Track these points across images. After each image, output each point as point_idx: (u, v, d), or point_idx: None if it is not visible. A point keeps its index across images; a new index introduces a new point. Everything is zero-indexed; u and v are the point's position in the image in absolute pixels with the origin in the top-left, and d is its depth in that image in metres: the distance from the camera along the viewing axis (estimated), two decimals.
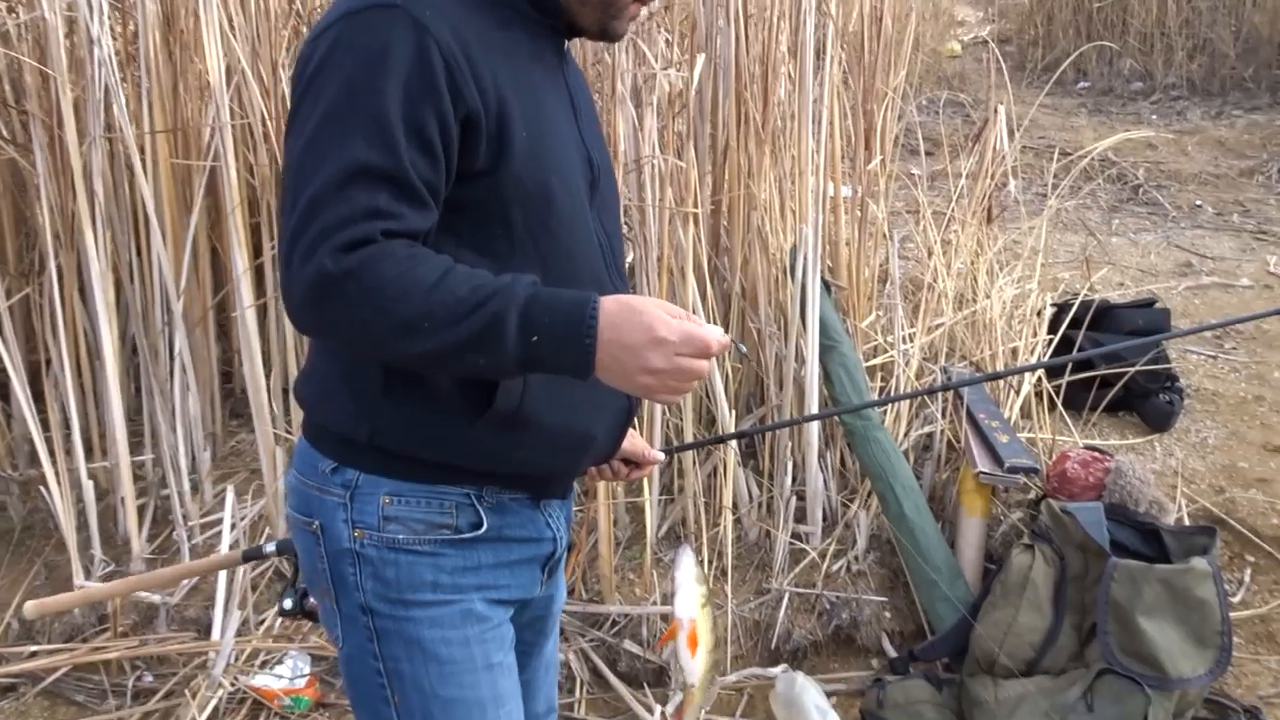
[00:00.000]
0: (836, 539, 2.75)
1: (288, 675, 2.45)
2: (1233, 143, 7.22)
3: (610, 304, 1.03)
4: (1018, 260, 3.92)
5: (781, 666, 2.49)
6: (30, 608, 1.79)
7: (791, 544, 2.75)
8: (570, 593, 2.67)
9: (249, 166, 2.98)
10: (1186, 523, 2.88)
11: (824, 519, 2.83)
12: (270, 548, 1.67)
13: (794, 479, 2.82)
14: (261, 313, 3.03)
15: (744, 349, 1.63)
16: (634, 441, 1.41)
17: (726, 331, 1.30)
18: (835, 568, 2.70)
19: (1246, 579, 2.73)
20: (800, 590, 2.64)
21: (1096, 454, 2.56)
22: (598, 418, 1.23)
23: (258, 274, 2.90)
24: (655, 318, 1.03)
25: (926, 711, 2.29)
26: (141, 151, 2.72)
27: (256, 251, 2.96)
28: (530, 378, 1.12)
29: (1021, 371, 3.12)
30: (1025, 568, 2.32)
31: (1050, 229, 5.41)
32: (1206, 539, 2.29)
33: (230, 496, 2.76)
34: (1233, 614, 2.61)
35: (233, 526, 2.85)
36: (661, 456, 1.47)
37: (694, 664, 1.26)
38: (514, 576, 1.25)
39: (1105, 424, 3.37)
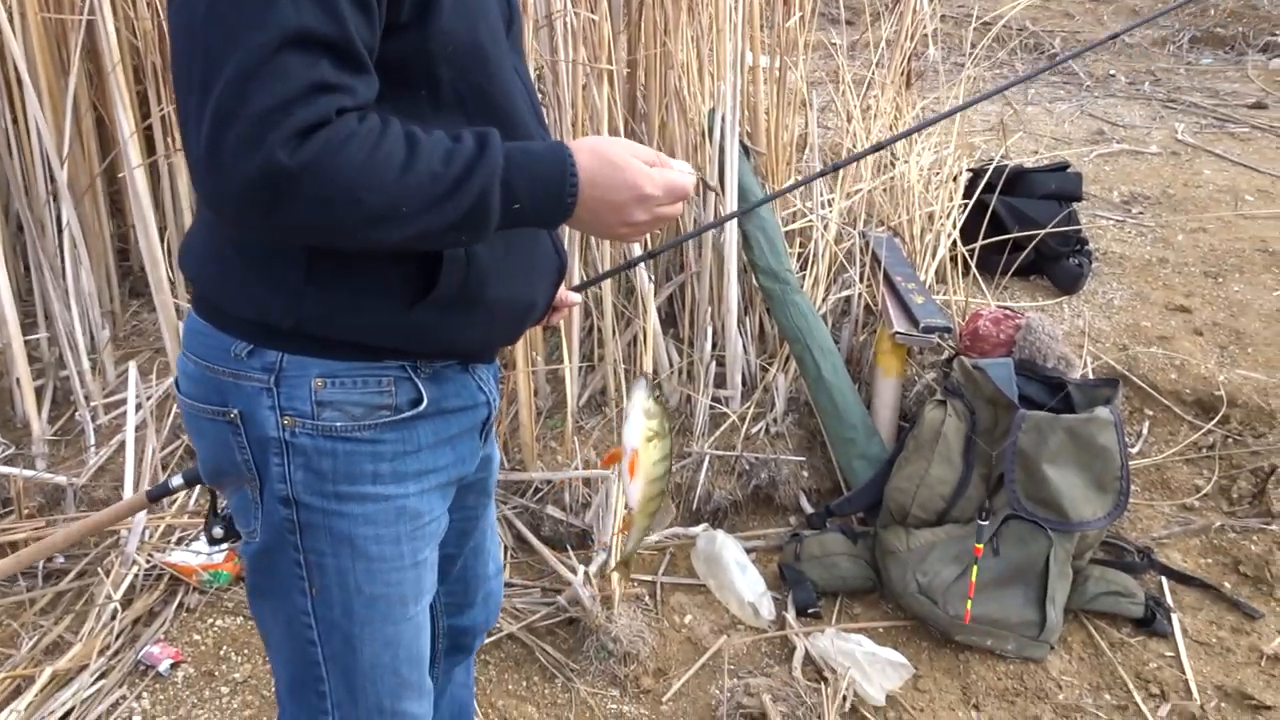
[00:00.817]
0: (756, 402, 2.78)
1: (205, 550, 2.41)
2: (1146, 12, 7.24)
3: (586, 158, 1.00)
4: (935, 127, 3.90)
5: (702, 526, 2.54)
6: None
7: (712, 408, 2.77)
8: None
9: (129, 22, 2.77)
10: (1091, 378, 2.98)
11: (743, 383, 2.85)
12: (177, 481, 1.63)
13: (714, 344, 2.83)
14: (153, 176, 2.87)
15: (712, 184, 1.59)
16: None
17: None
18: (755, 430, 2.73)
19: (1145, 431, 2.85)
20: (720, 453, 2.67)
21: (1008, 312, 2.61)
22: (537, 283, 1.20)
23: (146, 137, 2.73)
24: (638, 173, 1.02)
25: (842, 562, 2.36)
26: (6, 6, 2.50)
27: (144, 112, 2.78)
28: (474, 254, 1.07)
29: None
30: (937, 423, 2.38)
31: (967, 96, 5.42)
32: (1110, 390, 2.37)
33: (133, 374, 2.66)
34: (1132, 464, 2.74)
35: (138, 406, 2.75)
36: (578, 298, 1.44)
37: (633, 489, 1.25)
38: (454, 451, 1.20)
39: (1017, 287, 3.44)
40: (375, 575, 1.14)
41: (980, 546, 2.14)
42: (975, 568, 2.13)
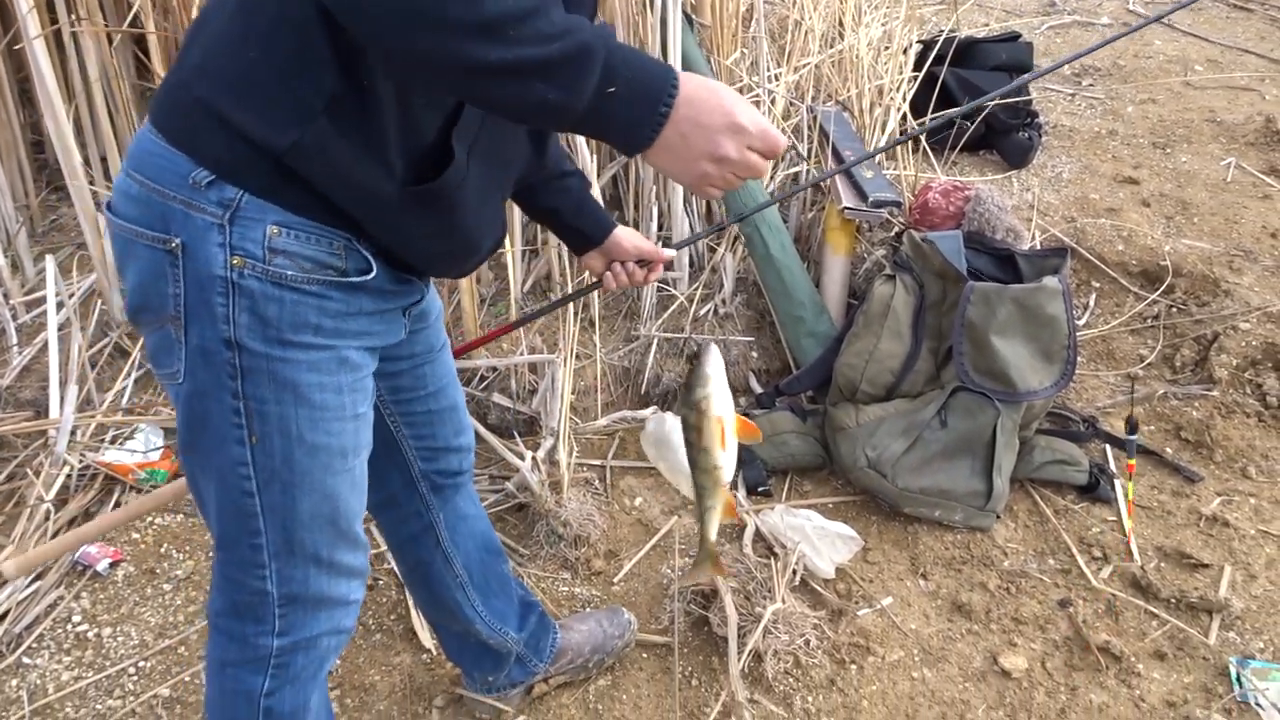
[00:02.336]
0: (704, 284, 2.73)
1: (140, 449, 2.34)
2: None
3: (689, 78, 0.96)
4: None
5: (651, 409, 2.51)
6: (11, 567, 1.65)
7: (659, 290, 2.72)
8: None
9: None
10: (1040, 248, 2.96)
11: (691, 264, 2.79)
12: None
13: (660, 226, 2.76)
14: (59, 49, 2.68)
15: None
16: (641, 242, 1.49)
17: None
18: (703, 311, 2.69)
19: (1091, 303, 2.86)
20: (669, 335, 2.63)
21: (957, 184, 2.56)
22: (488, 238, 1.21)
23: (49, 6, 2.54)
24: (737, 102, 0.97)
25: (791, 440, 2.35)
26: None
27: None
28: (468, 179, 1.08)
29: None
30: (886, 297, 2.35)
31: None
32: (1058, 260, 2.35)
33: (51, 269, 2.53)
34: (1078, 334, 2.75)
35: (60, 305, 2.63)
36: (672, 254, 1.47)
37: (728, 459, 1.17)
38: (385, 324, 1.19)
39: (966, 162, 3.39)
40: (318, 424, 1.12)
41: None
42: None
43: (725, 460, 1.17)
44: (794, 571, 2.01)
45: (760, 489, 2.31)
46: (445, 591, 1.59)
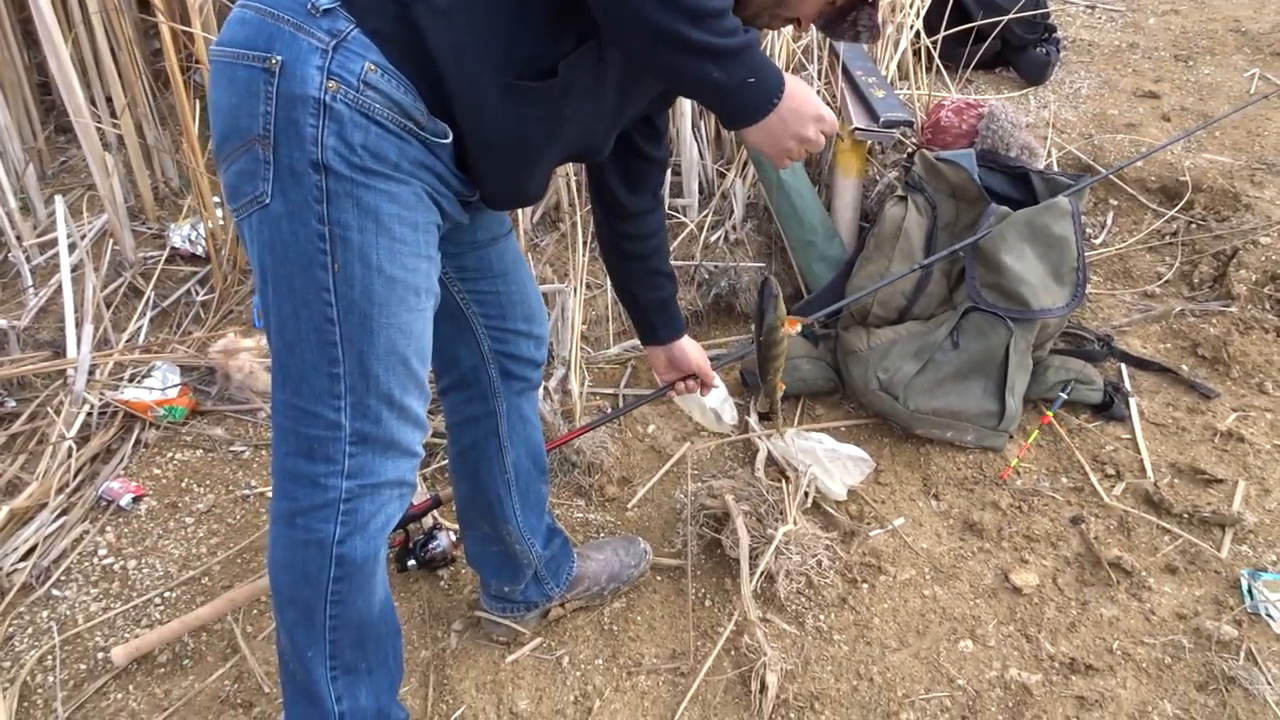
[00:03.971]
0: (714, 210, 2.71)
1: (159, 386, 2.37)
2: None
3: (790, 79, 1.19)
4: None
5: None
6: (119, 654, 1.75)
7: (669, 217, 2.70)
8: None
9: None
10: (1057, 169, 2.91)
11: (701, 191, 2.76)
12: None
13: (670, 152, 2.72)
14: None
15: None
16: (703, 360, 1.77)
17: None
18: (714, 238, 2.67)
19: (1109, 221, 2.82)
20: (679, 263, 2.61)
21: (970, 102, 2.51)
22: (540, 181, 1.29)
23: None
24: (817, 99, 1.22)
25: (803, 365, 2.35)
26: None
27: None
28: (565, 105, 1.18)
29: None
30: (899, 219, 2.32)
31: None
32: (1074, 180, 2.31)
33: (61, 209, 2.53)
34: (1094, 254, 2.71)
35: (72, 247, 2.64)
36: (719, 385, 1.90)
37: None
38: (450, 192, 1.23)
39: (982, 80, 3.32)
40: (396, 256, 1.16)
41: None
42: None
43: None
44: (805, 494, 2.02)
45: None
46: (491, 483, 1.62)
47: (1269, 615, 1.78)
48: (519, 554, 1.70)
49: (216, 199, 2.66)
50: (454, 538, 1.93)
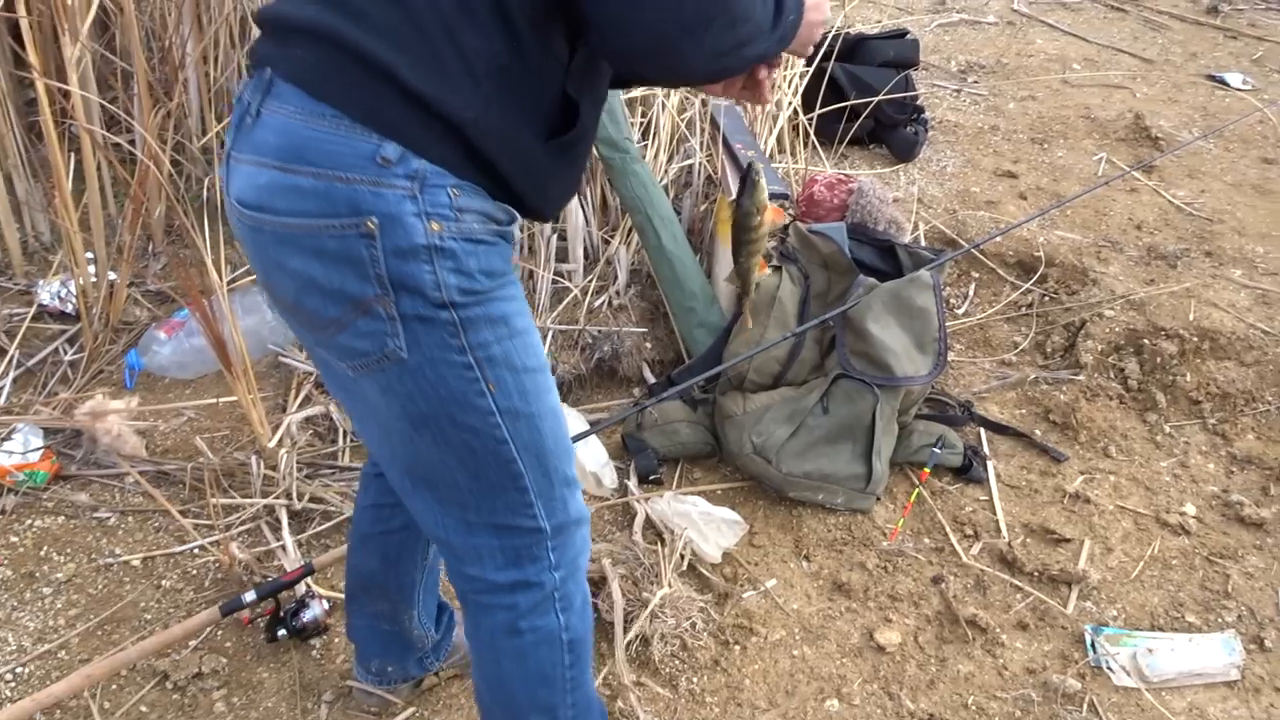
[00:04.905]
0: (598, 275, 2.77)
1: (19, 450, 2.28)
2: None
3: None
4: None
5: None
6: None
7: (554, 282, 2.75)
8: None
9: None
10: (923, 242, 3.08)
11: (586, 256, 2.83)
12: (250, 596, 1.78)
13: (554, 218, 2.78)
14: None
15: None
16: None
17: None
18: (598, 303, 2.73)
19: (971, 293, 2.98)
20: (564, 327, 2.66)
21: (841, 177, 2.65)
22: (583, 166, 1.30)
23: None
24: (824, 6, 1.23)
25: (682, 429, 2.41)
26: None
27: None
28: (586, 110, 1.16)
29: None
30: (773, 288, 2.42)
31: None
32: (935, 255, 2.45)
33: None
34: (957, 324, 2.87)
35: None
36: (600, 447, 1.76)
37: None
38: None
39: (856, 155, 3.49)
40: (528, 348, 1.18)
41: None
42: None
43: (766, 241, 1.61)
44: (681, 556, 2.07)
45: (651, 477, 2.36)
46: (408, 568, 1.60)
47: (1109, 668, 1.89)
48: (414, 637, 1.69)
49: (90, 254, 2.60)
50: (327, 606, 1.90)
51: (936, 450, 2.35)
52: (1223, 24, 4.76)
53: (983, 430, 2.53)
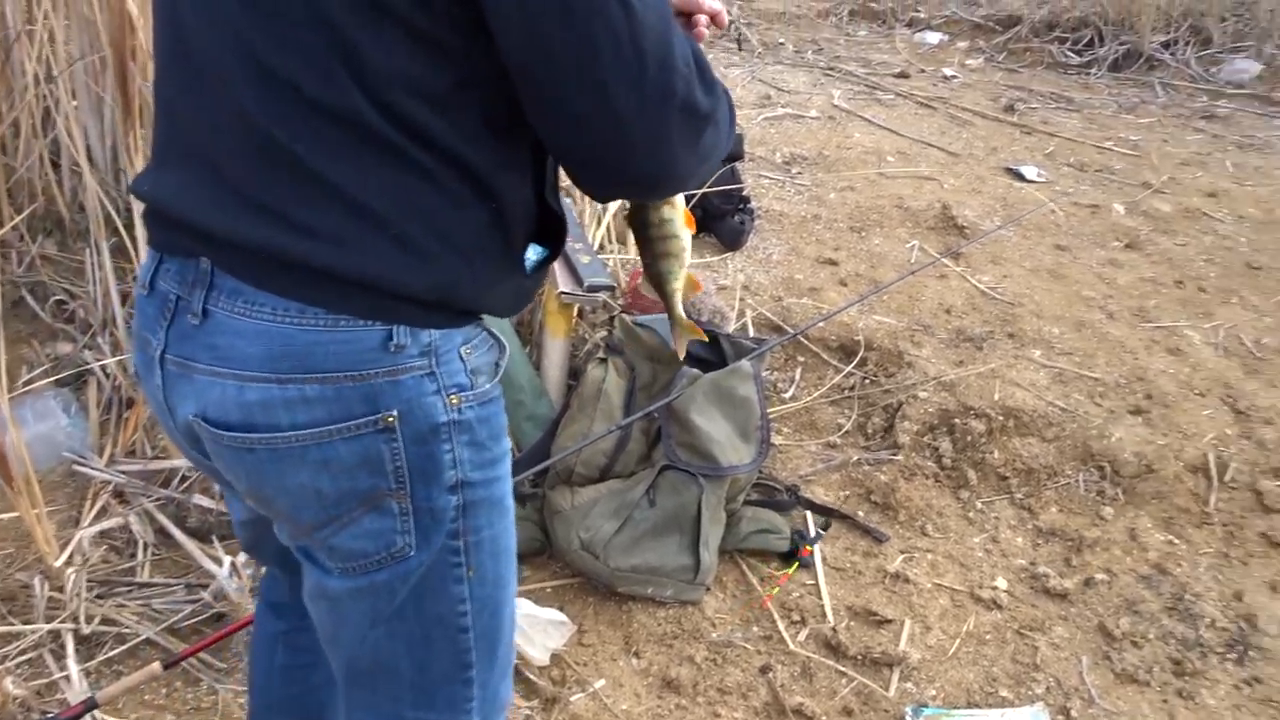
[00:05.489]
0: None
1: None
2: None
3: None
4: None
5: None
6: None
7: None
8: (132, 453, 2.44)
9: None
10: (751, 330, 3.17)
11: None
12: None
13: None
14: None
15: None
16: None
17: None
18: None
19: (797, 376, 3.07)
20: None
21: None
22: None
23: None
24: None
25: None
26: None
27: None
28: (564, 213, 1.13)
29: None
30: (599, 380, 2.43)
31: None
32: (755, 345, 2.52)
33: None
34: (784, 408, 2.94)
35: None
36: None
37: (689, 238, 1.30)
38: None
39: None
40: (509, 529, 1.10)
41: None
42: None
43: (689, 242, 1.30)
44: None
45: None
46: (325, 689, 1.39)
47: None
48: None
49: None
50: None
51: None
52: (1019, 121, 5.17)
53: (809, 514, 2.58)
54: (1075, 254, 3.79)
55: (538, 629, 2.09)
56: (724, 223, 3.58)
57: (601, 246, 3.12)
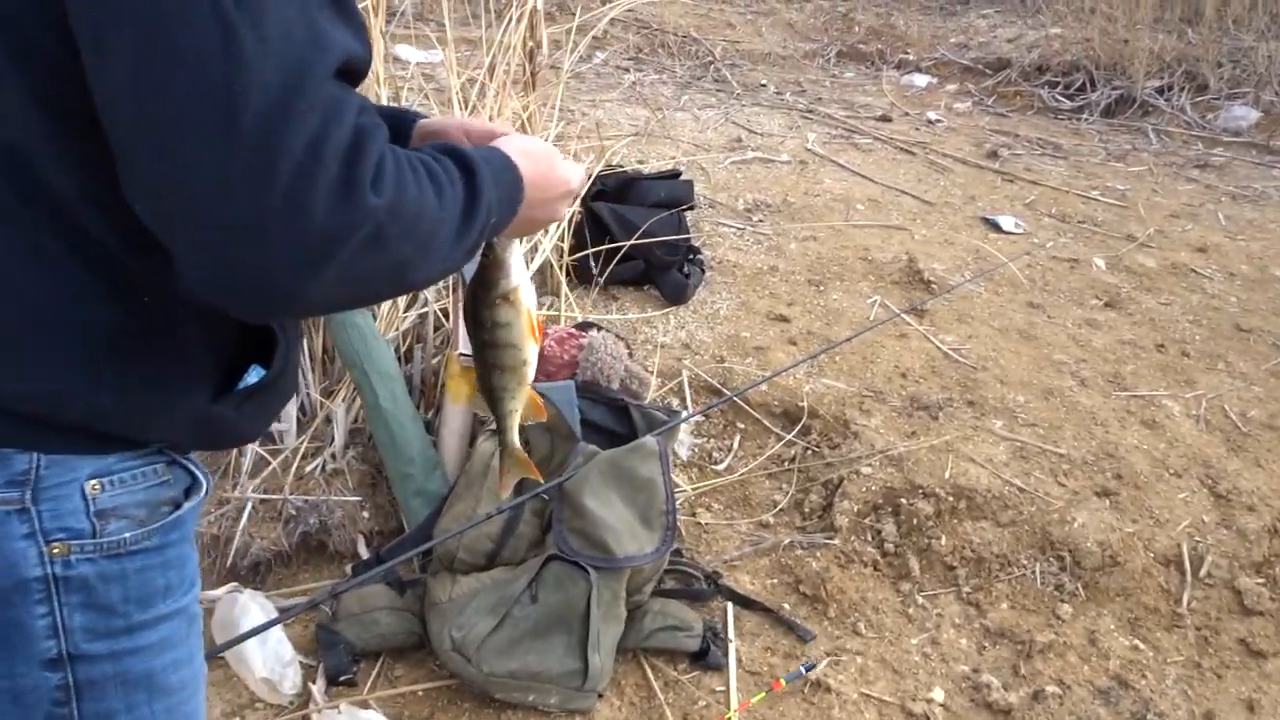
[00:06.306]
0: (313, 435, 2.47)
1: None
2: (801, 26, 7.59)
3: (521, 160, 0.92)
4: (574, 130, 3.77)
5: (228, 586, 2.19)
6: None
7: (263, 443, 2.43)
8: None
9: None
10: (688, 394, 2.91)
11: (303, 412, 2.53)
12: None
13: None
14: None
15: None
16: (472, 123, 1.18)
17: None
18: (310, 467, 2.42)
19: (736, 445, 2.81)
20: (265, 497, 2.34)
21: (572, 331, 2.45)
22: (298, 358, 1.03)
23: None
24: (566, 170, 1.00)
25: (383, 618, 2.10)
26: None
27: None
28: (292, 338, 0.91)
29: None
30: (488, 455, 2.18)
31: (622, 102, 5.38)
32: (669, 416, 2.26)
33: None
34: (717, 481, 2.68)
35: None
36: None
37: (534, 353, 1.10)
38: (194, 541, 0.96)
39: (628, 298, 3.34)
40: (176, 713, 0.89)
41: None
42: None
43: (533, 355, 1.10)
44: None
45: (343, 678, 2.03)
46: None
47: None
48: None
49: None
50: None
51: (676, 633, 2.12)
52: (1001, 168, 4.93)
53: (730, 605, 2.30)
54: (1049, 313, 3.52)
55: None
56: (667, 275, 3.33)
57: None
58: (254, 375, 0.89)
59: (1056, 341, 3.32)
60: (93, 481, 0.81)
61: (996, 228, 4.14)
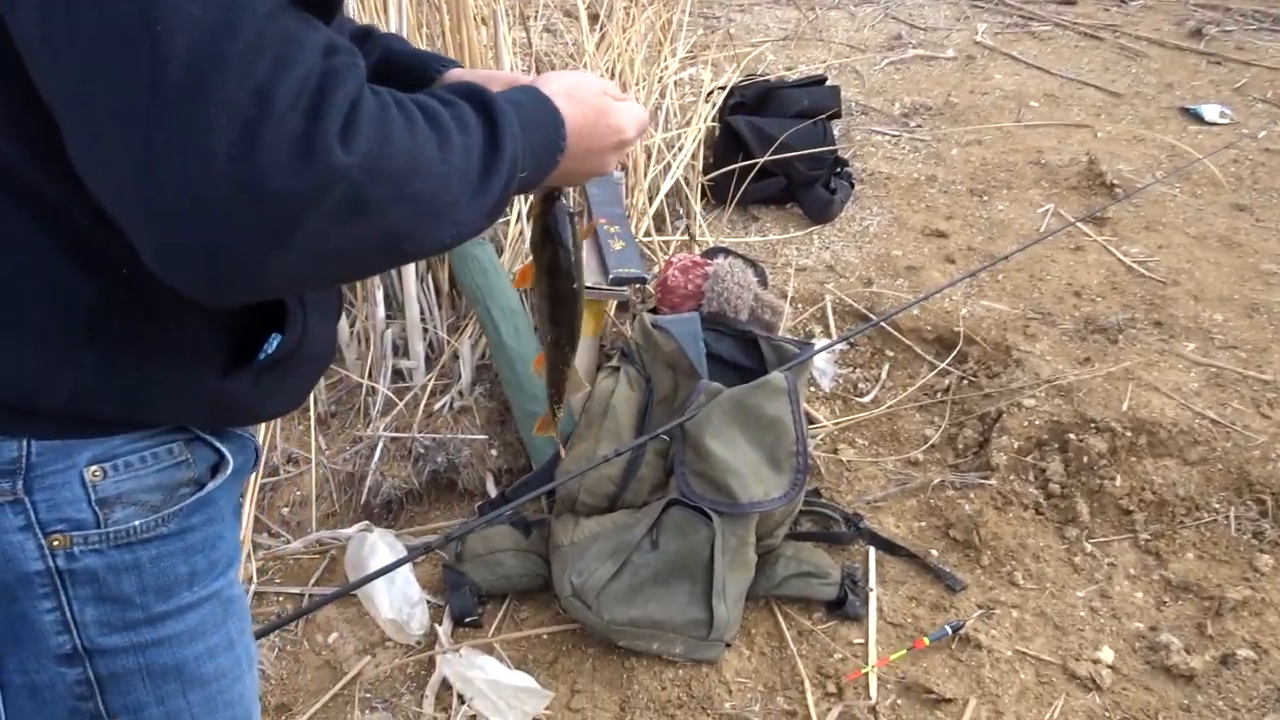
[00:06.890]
0: (441, 372, 2.44)
1: None
2: None
3: (566, 105, 0.82)
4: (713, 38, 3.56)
5: (360, 524, 2.21)
6: None
7: (394, 381, 2.43)
8: None
9: None
10: (831, 320, 2.72)
11: (431, 350, 2.50)
12: None
13: (389, 306, 2.47)
14: None
15: None
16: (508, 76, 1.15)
17: None
18: (438, 405, 2.40)
19: (883, 375, 2.60)
20: (394, 435, 2.33)
21: (697, 259, 2.29)
22: (334, 327, 0.95)
23: None
24: (619, 115, 0.89)
25: (507, 560, 2.06)
26: None
27: None
28: (307, 301, 0.82)
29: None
30: (606, 394, 2.08)
31: (771, 4, 5.07)
32: (800, 350, 2.09)
33: None
34: (863, 415, 2.49)
35: None
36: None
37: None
38: (236, 516, 0.91)
39: (769, 218, 3.14)
40: (216, 701, 0.86)
41: None
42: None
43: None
44: None
45: (468, 619, 2.01)
46: None
47: None
48: None
49: None
50: None
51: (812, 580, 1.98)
52: (1206, 48, 4.34)
53: (872, 550, 2.14)
54: (1258, 215, 3.08)
55: (504, 697, 1.78)
56: (810, 192, 3.10)
57: (648, 233, 2.74)
58: (274, 345, 0.81)
59: (1265, 249, 2.89)
60: (94, 467, 0.75)
61: (1198, 119, 3.65)
